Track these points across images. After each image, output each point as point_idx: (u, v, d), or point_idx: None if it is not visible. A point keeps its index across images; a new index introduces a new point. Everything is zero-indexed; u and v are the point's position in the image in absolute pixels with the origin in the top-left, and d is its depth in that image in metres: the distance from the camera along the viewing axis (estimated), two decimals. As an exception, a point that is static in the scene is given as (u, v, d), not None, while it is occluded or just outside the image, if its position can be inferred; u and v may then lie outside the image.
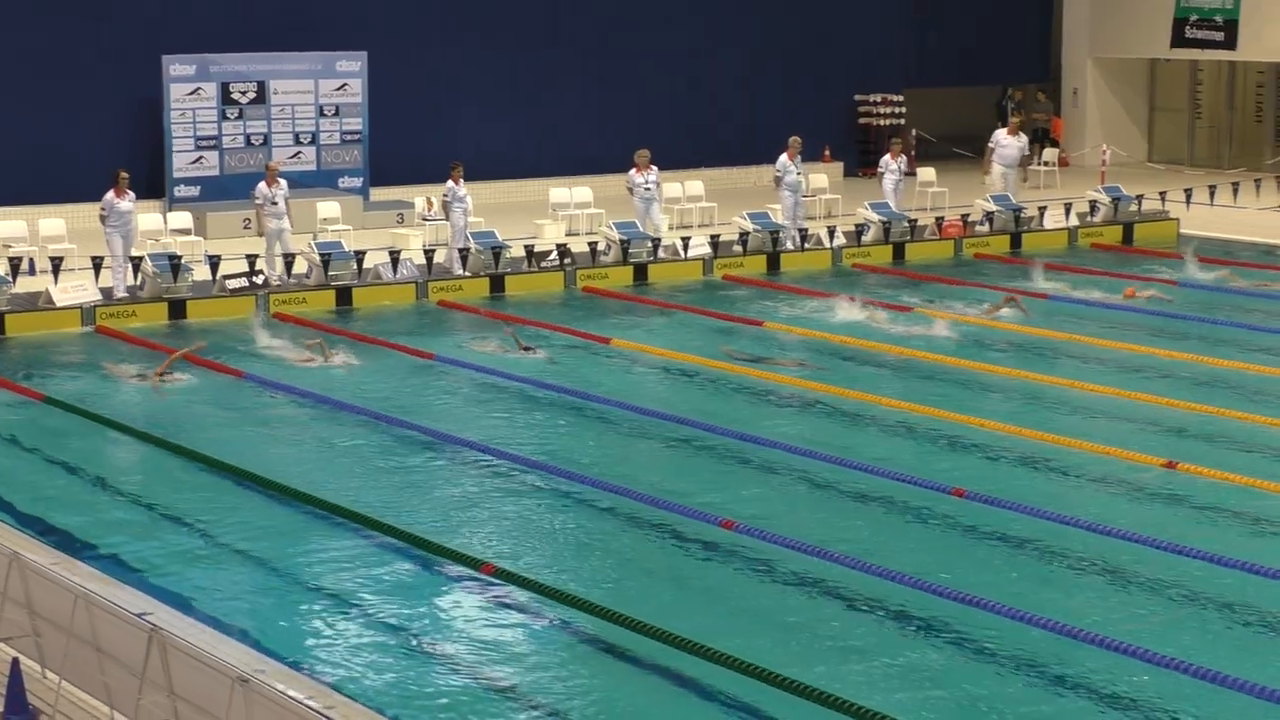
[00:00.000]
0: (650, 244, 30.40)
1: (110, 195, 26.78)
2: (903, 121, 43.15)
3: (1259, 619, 14.40)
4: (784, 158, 32.63)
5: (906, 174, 35.49)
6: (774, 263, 30.93)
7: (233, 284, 27.26)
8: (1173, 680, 12.89)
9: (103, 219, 26.88)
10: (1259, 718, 12.34)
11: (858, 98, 43.33)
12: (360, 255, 28.52)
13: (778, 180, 32.91)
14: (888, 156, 34.22)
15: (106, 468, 19.41)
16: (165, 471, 19.00)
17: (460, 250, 29.05)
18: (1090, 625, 13.75)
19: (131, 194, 27.21)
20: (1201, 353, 23.64)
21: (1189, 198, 35.11)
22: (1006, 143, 35.22)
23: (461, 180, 29.69)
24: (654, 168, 31.85)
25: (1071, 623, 13.76)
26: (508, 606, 14.87)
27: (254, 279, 27.43)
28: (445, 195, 30.18)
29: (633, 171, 31.77)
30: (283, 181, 28.88)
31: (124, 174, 27.14)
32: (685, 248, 30.90)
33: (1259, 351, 23.90)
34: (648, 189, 31.74)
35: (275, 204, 28.45)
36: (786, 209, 32.62)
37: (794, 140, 32.73)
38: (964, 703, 12.86)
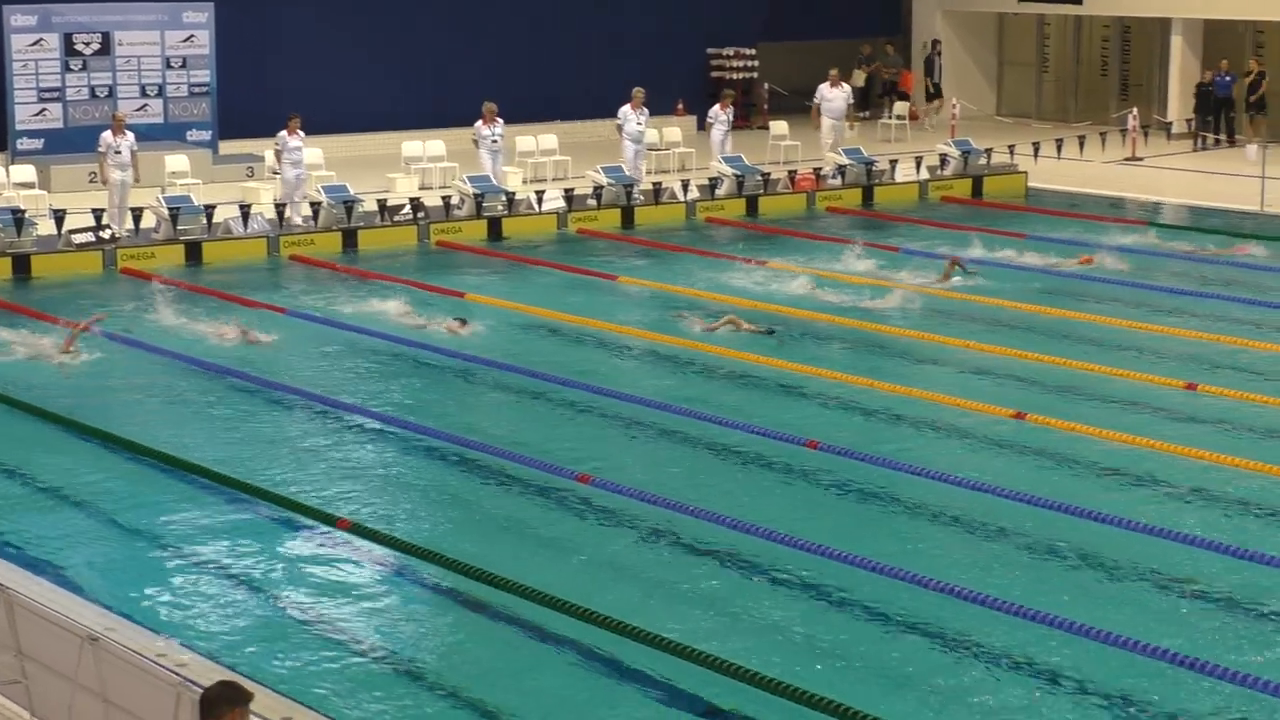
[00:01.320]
0: (504, 198, 30.26)
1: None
2: (755, 75, 43.28)
3: (1108, 567, 14.58)
4: (626, 108, 32.93)
5: (760, 127, 35.56)
6: (628, 217, 30.90)
7: (79, 239, 26.83)
8: (1020, 627, 13.03)
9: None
10: (1106, 662, 12.49)
11: (710, 51, 43.35)
12: (210, 209, 28.19)
13: (619, 129, 33.10)
14: (717, 107, 34.45)
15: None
16: (3, 427, 18.76)
17: (294, 202, 29.07)
18: (940, 575, 13.84)
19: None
20: (1050, 305, 23.99)
21: (1036, 151, 35.45)
22: (831, 95, 35.62)
23: (299, 132, 29.55)
24: (500, 120, 31.86)
25: (923, 572, 13.87)
26: (362, 561, 14.77)
27: (100, 234, 27.02)
28: (277, 144, 30.02)
29: (479, 123, 31.80)
30: (129, 133, 28.55)
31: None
32: (539, 201, 30.82)
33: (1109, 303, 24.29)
34: (494, 141, 31.75)
35: (119, 153, 28.07)
36: (628, 159, 32.80)
37: (637, 91, 33.00)
38: (811, 650, 12.95)
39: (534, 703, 12.16)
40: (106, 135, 28.20)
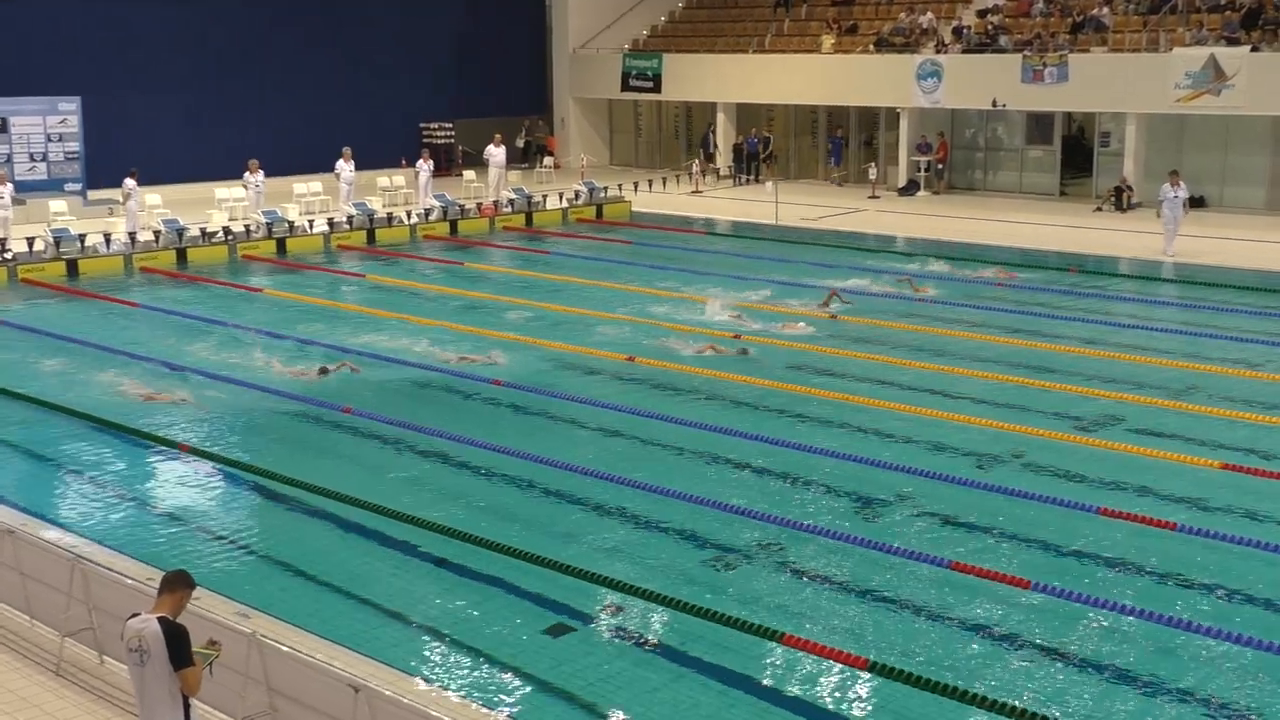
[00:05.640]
0: (286, 225, 29.59)
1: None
2: (453, 139, 42.98)
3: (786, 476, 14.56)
4: (340, 161, 32.82)
5: (457, 175, 35.26)
6: (371, 236, 30.32)
7: (-10, 259, 25.55)
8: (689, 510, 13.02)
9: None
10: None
11: (421, 124, 42.94)
12: (82, 237, 27.01)
13: (338, 176, 32.85)
14: (420, 160, 34.51)
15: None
16: None
17: (133, 233, 28.58)
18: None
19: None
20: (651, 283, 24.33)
21: (636, 187, 36.04)
22: (495, 152, 35.96)
23: (137, 179, 29.69)
24: (262, 171, 32.06)
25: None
26: (202, 476, 14.26)
27: (3, 254, 25.89)
28: (125, 190, 29.71)
29: (247, 174, 32.05)
30: (10, 185, 28.89)
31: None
32: (311, 226, 30.28)
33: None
34: (257, 186, 32.02)
35: (2, 199, 28.09)
36: (343, 195, 32.65)
37: (345, 150, 32.97)
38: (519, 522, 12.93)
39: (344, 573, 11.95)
40: (-1, 188, 27.97)
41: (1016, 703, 8.98)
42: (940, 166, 37.61)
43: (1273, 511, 12.57)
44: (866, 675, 9.45)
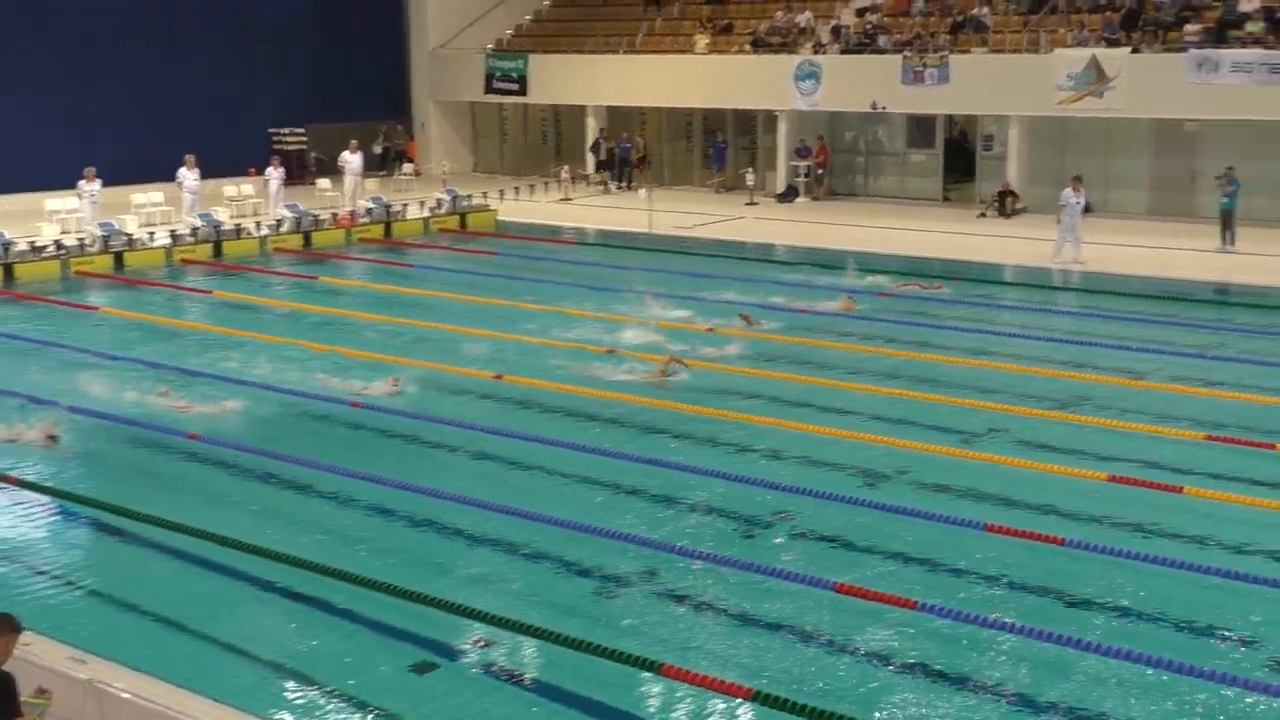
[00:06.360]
0: (126, 238, 28.98)
1: None
2: (305, 147, 42.46)
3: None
4: (183, 169, 32.52)
5: (310, 183, 34.96)
6: (218, 249, 29.89)
7: None
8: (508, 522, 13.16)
9: None
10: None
11: (271, 129, 42.33)
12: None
13: (180, 185, 32.47)
14: (270, 168, 34.31)
15: None
16: None
17: None
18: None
19: None
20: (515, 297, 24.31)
21: (502, 195, 35.97)
22: (352, 159, 35.66)
23: None
24: (99, 180, 31.63)
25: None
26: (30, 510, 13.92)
27: None
28: None
29: (82, 182, 31.47)
30: None
31: None
32: (151, 239, 29.63)
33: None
34: (93, 196, 31.47)
35: None
36: (186, 205, 32.22)
37: (188, 157, 32.69)
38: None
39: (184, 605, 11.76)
40: None
41: (906, 729, 9.10)
42: (820, 171, 38.14)
43: (1161, 524, 12.93)
44: (750, 705, 9.50)
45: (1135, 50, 32.38)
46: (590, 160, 41.86)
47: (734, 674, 9.93)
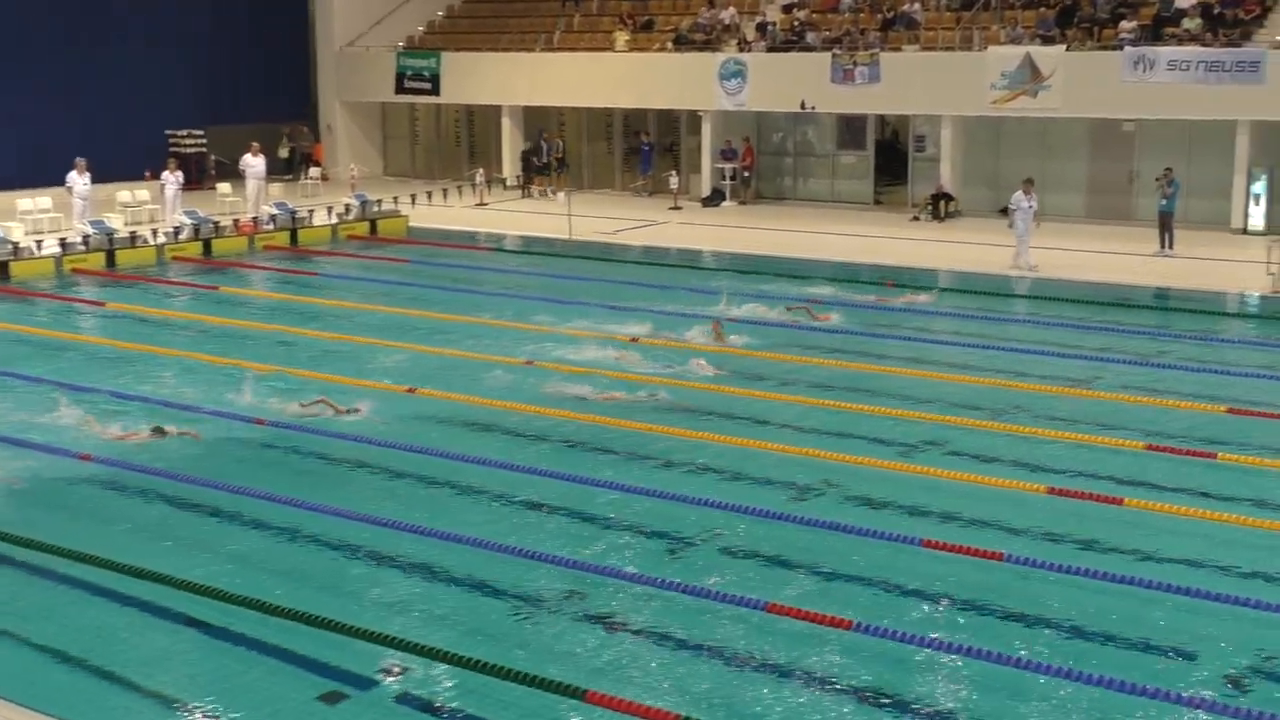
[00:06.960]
0: (9, 246, 28.48)
1: None
2: (205, 149, 41.98)
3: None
4: (72, 173, 32.14)
5: (210, 188, 34.62)
6: (111, 258, 29.44)
7: None
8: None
9: None
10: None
11: (168, 131, 41.78)
12: None
13: (70, 190, 32.23)
14: (166, 172, 34.24)
15: None
16: None
17: None
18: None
19: None
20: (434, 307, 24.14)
21: (414, 200, 35.76)
22: (254, 162, 35.41)
23: None
24: None
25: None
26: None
27: None
28: None
29: None
30: None
31: None
32: (39, 247, 29.13)
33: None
34: None
35: None
36: (76, 211, 31.89)
37: (78, 160, 32.27)
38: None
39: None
40: None
41: (842, 754, 9.07)
42: (746, 174, 38.27)
43: (1102, 538, 13.03)
44: (679, 732, 9.44)
45: (1070, 48, 32.80)
46: (510, 166, 41.63)
47: (663, 700, 9.87)
